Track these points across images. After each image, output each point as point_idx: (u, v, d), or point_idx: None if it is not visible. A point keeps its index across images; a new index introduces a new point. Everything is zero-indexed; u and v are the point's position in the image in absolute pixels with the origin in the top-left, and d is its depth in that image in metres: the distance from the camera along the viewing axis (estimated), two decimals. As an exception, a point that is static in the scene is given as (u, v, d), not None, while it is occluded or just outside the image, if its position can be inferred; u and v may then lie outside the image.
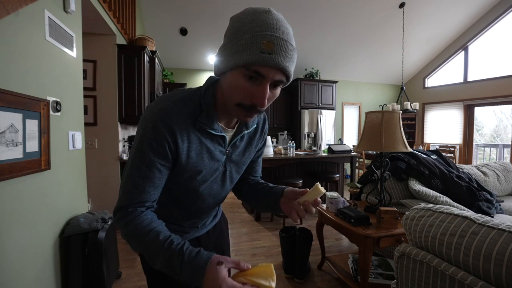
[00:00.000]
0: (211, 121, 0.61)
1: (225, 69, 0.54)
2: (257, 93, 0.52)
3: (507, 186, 2.67)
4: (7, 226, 1.05)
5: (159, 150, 0.57)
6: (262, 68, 0.49)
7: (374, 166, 2.11)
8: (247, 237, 2.78)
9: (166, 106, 0.58)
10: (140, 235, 0.56)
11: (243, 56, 0.49)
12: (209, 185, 0.70)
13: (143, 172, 0.58)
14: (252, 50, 0.48)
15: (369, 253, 1.55)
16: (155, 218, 0.59)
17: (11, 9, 0.90)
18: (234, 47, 0.51)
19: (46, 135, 1.29)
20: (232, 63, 0.51)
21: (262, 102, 0.52)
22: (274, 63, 0.49)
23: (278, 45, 0.49)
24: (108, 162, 2.71)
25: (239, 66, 0.50)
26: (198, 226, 0.80)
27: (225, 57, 0.53)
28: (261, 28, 0.49)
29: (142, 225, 0.56)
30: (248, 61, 0.49)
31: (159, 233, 0.55)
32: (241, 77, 0.52)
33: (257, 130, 0.76)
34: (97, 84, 2.62)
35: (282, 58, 0.49)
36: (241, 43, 0.50)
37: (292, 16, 4.21)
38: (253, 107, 0.54)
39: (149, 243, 0.54)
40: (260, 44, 0.48)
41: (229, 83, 0.54)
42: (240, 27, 0.51)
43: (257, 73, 0.50)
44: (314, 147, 4.91)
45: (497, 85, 4.98)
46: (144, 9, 3.81)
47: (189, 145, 0.60)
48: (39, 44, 1.25)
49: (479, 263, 0.75)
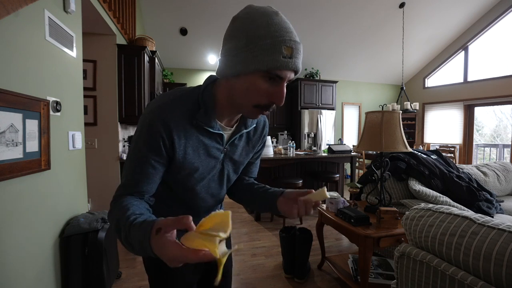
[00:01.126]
0: (208, 119, 0.61)
1: (240, 73, 0.54)
2: (275, 93, 0.55)
3: (507, 186, 2.67)
4: (7, 226, 1.05)
5: (154, 147, 0.58)
6: (283, 71, 0.53)
7: (374, 166, 2.11)
8: (247, 237, 2.78)
9: (164, 103, 0.59)
10: (114, 211, 0.54)
11: (265, 61, 0.51)
12: (207, 183, 0.70)
13: (138, 167, 0.59)
14: (275, 56, 0.51)
15: (369, 253, 1.55)
16: (138, 202, 0.57)
17: (11, 9, 0.90)
18: (253, 52, 0.52)
19: (46, 135, 1.29)
20: (253, 67, 0.52)
21: (281, 100, 0.56)
22: (294, 66, 0.53)
23: (295, 49, 0.52)
24: (108, 162, 2.71)
25: (261, 71, 0.52)
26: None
27: (242, 61, 0.53)
28: (279, 33, 0.51)
29: (122, 204, 0.55)
30: (271, 66, 0.51)
31: (129, 209, 0.52)
32: (261, 80, 0.54)
33: (256, 131, 0.76)
34: (97, 84, 2.62)
35: (299, 61, 0.54)
36: (262, 48, 0.51)
37: (292, 16, 4.21)
38: (270, 106, 0.57)
39: (118, 218, 0.51)
40: (281, 49, 0.51)
41: (246, 86, 0.55)
42: (257, 31, 0.52)
43: (278, 76, 0.53)
44: (314, 147, 4.91)
45: (497, 85, 4.98)
46: (144, 9, 3.81)
47: (186, 142, 0.61)
48: (39, 44, 1.25)
49: (479, 263, 0.75)
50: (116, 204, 0.57)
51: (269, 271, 2.11)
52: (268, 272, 2.08)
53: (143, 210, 0.55)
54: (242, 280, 1.98)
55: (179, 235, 0.43)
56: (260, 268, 2.15)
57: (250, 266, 2.18)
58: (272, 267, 2.16)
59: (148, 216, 0.51)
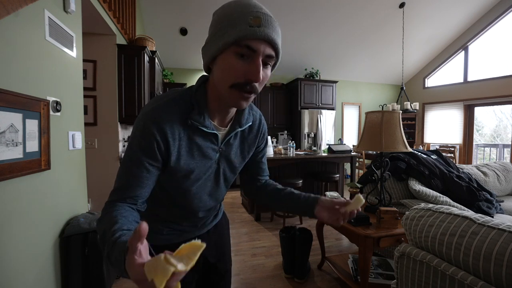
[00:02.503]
0: (202, 118, 0.61)
1: (214, 54, 0.55)
2: (250, 69, 0.53)
3: (507, 186, 2.67)
4: (7, 226, 1.05)
5: (148, 150, 0.58)
6: (252, 41, 0.51)
7: (374, 166, 2.11)
8: (247, 237, 2.78)
9: (158, 106, 0.59)
10: (103, 221, 0.53)
11: (231, 33, 0.50)
12: (203, 184, 0.70)
13: (132, 170, 0.59)
14: (241, 26, 0.50)
15: (369, 253, 1.55)
16: (128, 213, 0.55)
17: (11, 9, 0.90)
18: (221, 30, 0.52)
19: (46, 135, 1.29)
20: (222, 43, 0.52)
21: (257, 76, 0.53)
22: (264, 34, 0.50)
23: (264, 20, 0.51)
24: (108, 162, 2.71)
25: (229, 44, 0.51)
26: (197, 225, 0.80)
27: (213, 42, 0.54)
28: (246, 8, 0.51)
29: (112, 214, 0.53)
30: (237, 36, 0.50)
31: (117, 221, 0.50)
32: (232, 57, 0.53)
33: (252, 129, 0.76)
34: (97, 84, 2.62)
35: (270, 31, 0.51)
36: (228, 23, 0.51)
37: (292, 16, 4.21)
38: (247, 84, 0.54)
39: (105, 230, 0.50)
40: (247, 19, 0.50)
41: (221, 68, 0.55)
42: (224, 12, 0.53)
43: (249, 48, 0.51)
44: (314, 147, 4.91)
45: (497, 85, 4.98)
46: (144, 9, 3.81)
47: (180, 143, 0.61)
48: (39, 44, 1.25)
49: (479, 263, 0.75)
50: (106, 213, 0.54)
51: (269, 271, 2.11)
52: (268, 272, 2.08)
53: (132, 225, 0.51)
54: (242, 280, 1.98)
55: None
56: (260, 268, 2.15)
57: (250, 266, 2.18)
58: (272, 267, 2.16)
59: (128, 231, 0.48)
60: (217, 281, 0.89)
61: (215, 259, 0.87)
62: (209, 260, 0.85)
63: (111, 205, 0.57)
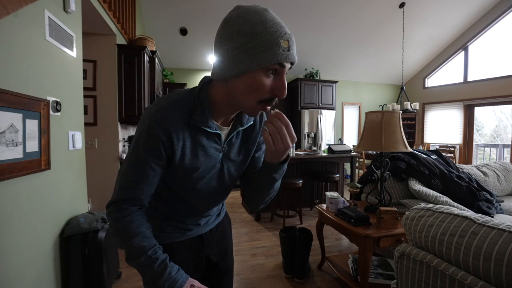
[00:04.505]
0: (205, 119, 0.62)
1: (242, 72, 0.54)
2: (277, 86, 0.56)
3: (507, 186, 2.67)
4: (7, 226, 1.05)
5: (154, 149, 0.60)
6: (283, 64, 0.54)
7: (374, 166, 2.11)
8: (247, 237, 2.78)
9: (162, 107, 0.60)
10: (128, 234, 0.60)
11: (267, 57, 0.52)
12: (207, 182, 0.71)
13: (138, 169, 0.61)
14: (275, 50, 0.52)
15: (369, 253, 1.55)
16: (144, 222, 0.63)
17: (11, 9, 0.90)
18: (254, 49, 0.52)
19: (46, 135, 1.29)
20: (256, 64, 0.53)
21: (283, 92, 0.57)
22: (293, 58, 0.55)
23: (291, 42, 0.55)
24: (108, 162, 2.71)
25: (264, 66, 0.53)
26: (200, 224, 0.81)
27: (242, 60, 0.53)
28: (275, 29, 0.53)
29: (132, 226, 0.61)
30: (274, 61, 0.53)
31: (145, 239, 0.61)
32: (263, 76, 0.55)
33: (254, 127, 0.76)
34: (97, 84, 2.62)
35: (295, 52, 0.56)
36: (261, 44, 0.52)
37: (292, 16, 4.21)
38: (272, 99, 0.58)
39: (134, 244, 0.59)
40: (279, 43, 0.53)
41: (249, 84, 0.55)
42: (254, 29, 0.53)
43: (281, 65, 0.54)
44: (314, 147, 4.91)
45: (497, 85, 4.98)
46: (144, 9, 3.81)
47: (184, 143, 0.62)
48: (39, 44, 1.25)
49: (479, 263, 0.75)
50: (122, 220, 0.61)
51: (269, 271, 2.11)
52: (268, 272, 2.08)
53: (150, 234, 0.63)
54: (242, 280, 1.98)
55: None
56: (260, 268, 2.15)
57: (250, 266, 2.18)
58: (272, 267, 2.16)
59: (160, 247, 0.62)
60: (219, 280, 0.89)
61: (217, 258, 0.87)
62: (212, 259, 0.85)
63: (121, 208, 0.62)
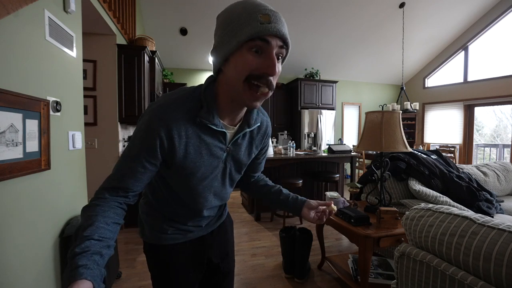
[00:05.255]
0: (211, 116, 0.61)
1: (227, 54, 0.54)
2: (265, 63, 0.53)
3: (507, 186, 2.67)
4: (7, 226, 1.05)
5: (149, 146, 0.58)
6: (265, 37, 0.52)
7: (374, 166, 2.11)
8: (247, 237, 2.78)
9: (165, 102, 0.59)
10: (85, 213, 0.55)
11: (244, 32, 0.51)
12: (209, 183, 0.70)
13: (128, 163, 0.60)
14: (252, 24, 0.51)
15: (369, 253, 1.55)
16: (111, 212, 0.57)
17: (11, 9, 0.90)
18: (232, 30, 0.53)
19: (46, 135, 1.28)
20: (235, 42, 0.52)
21: (273, 69, 0.53)
22: (275, 29, 0.52)
23: (273, 16, 0.53)
24: (108, 162, 2.71)
25: (242, 42, 0.52)
26: (202, 226, 0.81)
27: (225, 43, 0.54)
28: (253, 7, 0.53)
29: (95, 208, 0.56)
30: (250, 33, 0.51)
31: (92, 225, 0.52)
32: (247, 53, 0.53)
33: (260, 130, 0.76)
34: (97, 84, 2.62)
35: (280, 26, 0.53)
36: (239, 23, 0.52)
37: (292, 16, 4.21)
38: (261, 77, 0.54)
39: (80, 226, 0.53)
40: (257, 17, 0.51)
41: (235, 65, 0.54)
42: (232, 13, 0.54)
43: (263, 40, 0.52)
44: (314, 147, 4.91)
45: (497, 85, 4.98)
46: (144, 9, 3.81)
47: (187, 141, 0.61)
48: (39, 44, 1.24)
49: (479, 263, 0.75)
50: (91, 205, 0.57)
51: (269, 271, 2.11)
52: (268, 272, 2.08)
53: (106, 230, 0.53)
54: (242, 280, 1.98)
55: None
56: (260, 268, 2.15)
57: (250, 266, 2.18)
58: (272, 267, 2.16)
59: (98, 248, 0.50)
60: (220, 282, 0.89)
61: (219, 260, 0.87)
62: (213, 261, 0.85)
63: (100, 195, 0.59)
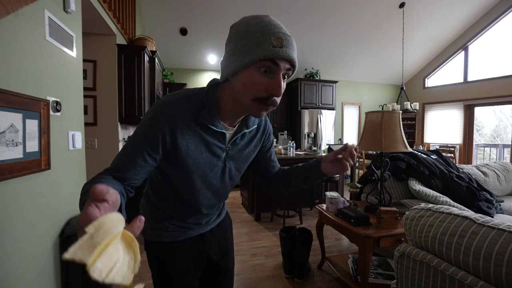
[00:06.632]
0: (212, 117, 0.64)
1: (237, 69, 0.57)
2: (272, 84, 0.56)
3: (507, 186, 2.67)
4: (7, 226, 1.05)
5: (152, 140, 0.60)
6: (276, 61, 0.54)
7: (374, 166, 2.11)
8: (247, 237, 2.78)
9: (171, 100, 0.62)
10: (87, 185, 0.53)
11: (257, 52, 0.53)
12: (208, 181, 0.72)
13: (130, 155, 0.61)
14: (265, 46, 0.53)
15: (369, 253, 1.55)
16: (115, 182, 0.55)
17: (11, 9, 0.90)
18: (245, 47, 0.55)
19: (46, 135, 1.28)
20: (247, 60, 0.54)
21: (279, 91, 0.56)
22: (286, 54, 0.54)
23: (286, 40, 0.55)
24: (108, 162, 2.65)
25: (253, 62, 0.54)
26: (202, 223, 0.82)
27: (237, 58, 0.56)
28: (269, 28, 0.55)
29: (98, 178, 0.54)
30: (263, 56, 0.53)
31: (99, 182, 0.51)
32: (256, 72, 0.55)
33: (258, 130, 0.79)
34: (97, 84, 2.62)
35: (291, 50, 0.55)
36: (253, 41, 0.54)
37: (292, 16, 4.20)
38: (268, 98, 0.58)
39: (87, 188, 0.50)
40: (270, 40, 0.53)
41: (243, 81, 0.57)
42: (247, 30, 0.55)
43: (273, 63, 0.54)
44: (314, 147, 4.91)
45: (497, 85, 4.97)
46: (144, 9, 3.81)
47: (189, 138, 0.63)
48: (39, 44, 1.24)
49: (479, 263, 0.75)
50: (93, 178, 0.55)
51: (269, 271, 2.11)
52: (268, 272, 2.08)
53: (117, 187, 0.51)
54: (242, 280, 1.98)
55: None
56: (260, 268, 2.15)
57: (250, 266, 2.18)
58: (272, 267, 2.16)
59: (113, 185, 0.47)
60: (220, 280, 0.90)
61: (218, 257, 0.88)
62: (213, 258, 0.86)
63: (99, 175, 0.57)
